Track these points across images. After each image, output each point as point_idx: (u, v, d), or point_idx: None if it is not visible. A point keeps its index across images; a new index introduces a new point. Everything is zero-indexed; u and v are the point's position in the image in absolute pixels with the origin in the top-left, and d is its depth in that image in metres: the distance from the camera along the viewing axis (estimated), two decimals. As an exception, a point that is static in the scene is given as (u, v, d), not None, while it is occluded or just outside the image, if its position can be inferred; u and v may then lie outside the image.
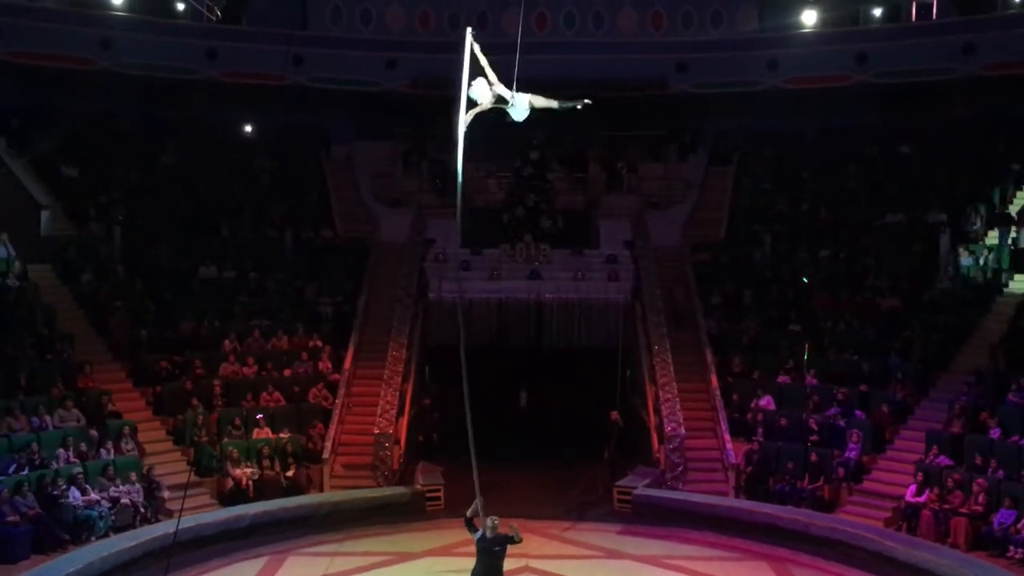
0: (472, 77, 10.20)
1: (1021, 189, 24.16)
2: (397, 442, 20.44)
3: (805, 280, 23.82)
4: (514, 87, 10.36)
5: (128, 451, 18.35)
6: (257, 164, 27.65)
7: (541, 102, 10.39)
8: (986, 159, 25.66)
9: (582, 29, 27.65)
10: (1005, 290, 21.69)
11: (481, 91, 10.24)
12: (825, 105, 26.31)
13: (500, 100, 10.30)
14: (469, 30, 10.15)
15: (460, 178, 10.27)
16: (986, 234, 23.39)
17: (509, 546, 12.07)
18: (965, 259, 22.76)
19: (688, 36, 27.43)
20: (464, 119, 10.14)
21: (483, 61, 10.17)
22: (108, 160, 26.03)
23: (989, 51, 24.80)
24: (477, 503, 11.79)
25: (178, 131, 27.05)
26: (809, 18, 26.83)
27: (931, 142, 26.72)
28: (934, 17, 26.78)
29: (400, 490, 19.67)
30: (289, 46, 26.35)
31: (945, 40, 25.38)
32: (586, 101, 10.53)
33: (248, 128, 28.06)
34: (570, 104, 10.56)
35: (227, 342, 21.70)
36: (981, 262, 22.59)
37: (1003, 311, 21.04)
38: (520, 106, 10.29)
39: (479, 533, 11.95)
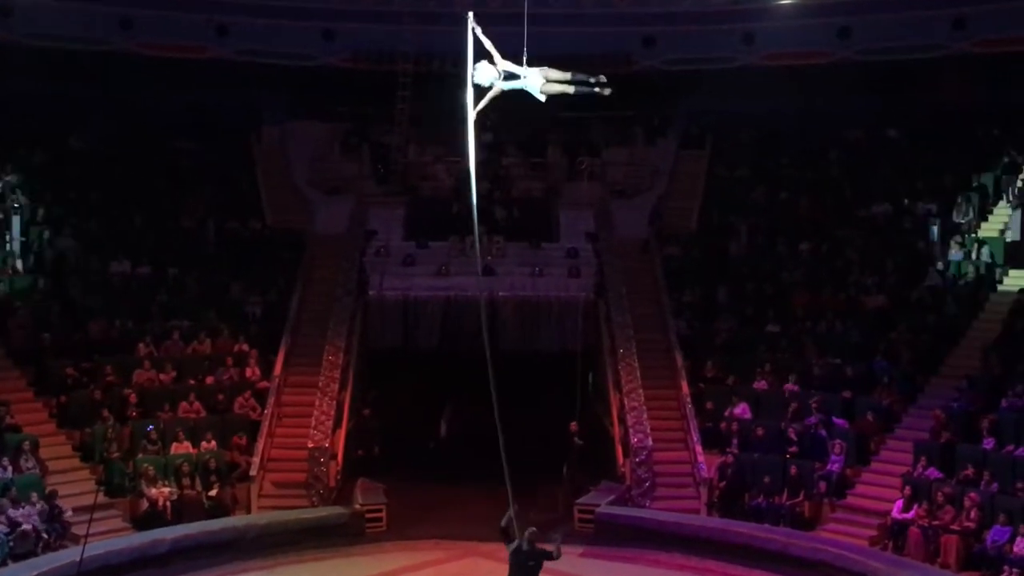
0: (474, 61, 10.12)
1: (1017, 177, 24.44)
2: (334, 457, 20.29)
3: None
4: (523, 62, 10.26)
5: (28, 469, 17.99)
6: (177, 146, 27.32)
7: (556, 75, 10.29)
8: (979, 144, 25.98)
9: (540, -1, 27.58)
10: (999, 287, 21.96)
11: (486, 74, 10.13)
12: (805, 84, 26.45)
13: (510, 77, 10.19)
14: (471, 15, 10.05)
15: (474, 180, 10.20)
16: (979, 226, 23.67)
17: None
18: (955, 254, 23.02)
19: (655, 7, 27.39)
20: (473, 113, 10.05)
21: (486, 43, 10.07)
22: (8, 142, 25.52)
23: (981, 26, 25.12)
24: (511, 512, 11.83)
25: (88, 109, 26.67)
26: (788, -12, 26.99)
27: (920, 125, 27.02)
28: (922, -12, 27.06)
29: (337, 510, 19.52)
30: (212, 15, 26.06)
31: (934, 14, 25.63)
32: (601, 78, 10.39)
33: (167, 107, 27.67)
34: (583, 78, 10.41)
35: (142, 346, 21.42)
36: (973, 256, 22.86)
37: (996, 310, 21.33)
38: (534, 81, 10.18)
39: (514, 545, 12.11)
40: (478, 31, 10.10)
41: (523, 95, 10.59)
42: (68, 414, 19.80)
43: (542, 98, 10.35)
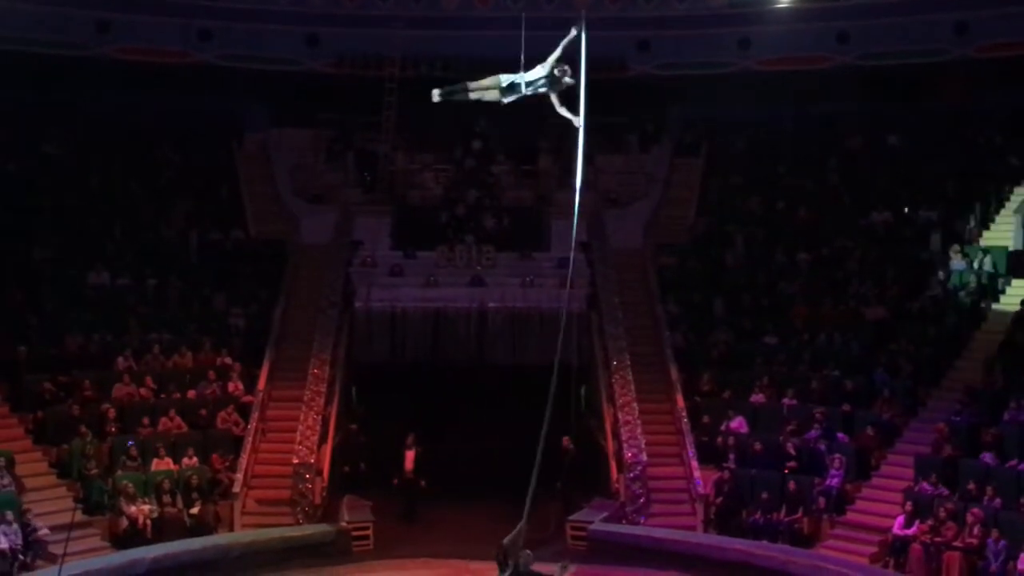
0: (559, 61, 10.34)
1: (1020, 185, 24.71)
2: (319, 473, 20.33)
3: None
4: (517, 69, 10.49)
5: (4, 487, 17.99)
6: (157, 155, 27.39)
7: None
8: (981, 151, 26.24)
9: (531, 2, 27.75)
10: (1002, 297, 22.19)
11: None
12: (803, 90, 26.72)
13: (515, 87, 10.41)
14: (583, 14, 10.29)
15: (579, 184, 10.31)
16: (980, 235, 23.90)
17: None
18: (957, 263, 23.22)
19: (650, 11, 27.66)
20: (582, 121, 10.23)
21: (563, 45, 10.30)
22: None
23: (984, 30, 25.41)
24: (521, 528, 11.66)
25: (64, 116, 26.71)
26: (784, -8, 27.27)
27: (921, 132, 27.24)
28: (922, -8, 27.36)
29: (323, 528, 19.59)
30: (193, 19, 26.19)
31: (935, 18, 25.93)
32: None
33: (146, 113, 27.77)
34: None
35: (121, 360, 21.46)
36: (975, 266, 23.08)
37: (999, 320, 21.52)
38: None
39: (509, 571, 11.88)
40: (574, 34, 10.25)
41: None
42: (45, 430, 19.80)
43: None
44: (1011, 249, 23.30)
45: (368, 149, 27.25)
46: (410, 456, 21.36)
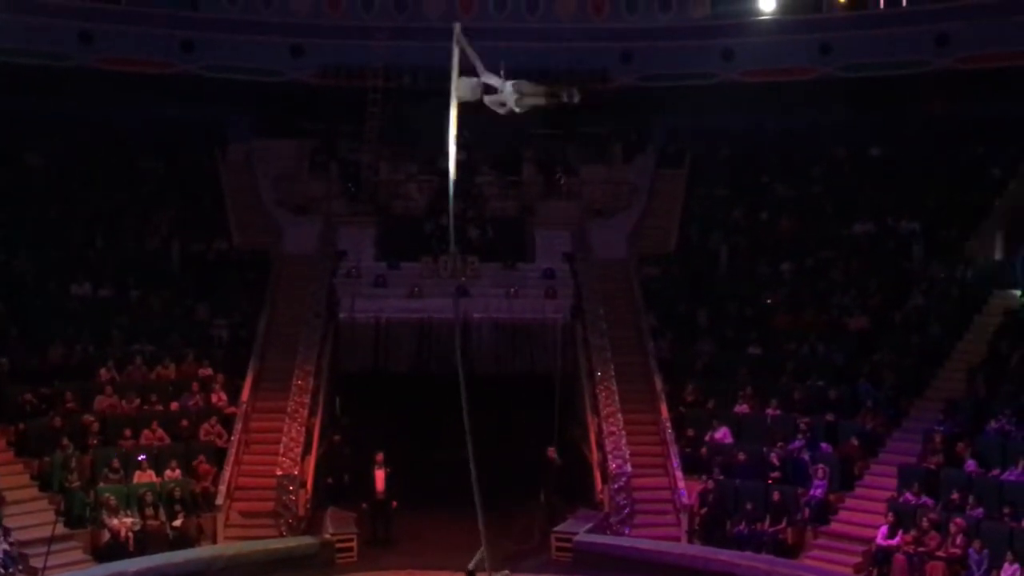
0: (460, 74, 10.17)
1: (1002, 196, 24.85)
2: (303, 485, 20.30)
3: (769, 301, 24.22)
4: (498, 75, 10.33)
5: (-16, 500, 17.94)
6: (140, 165, 27.34)
7: (528, 87, 10.29)
8: (964, 162, 26.39)
9: (514, 13, 27.89)
10: (984, 307, 22.28)
11: (467, 89, 10.15)
12: (786, 101, 26.83)
13: (489, 91, 10.23)
14: (457, 25, 10.11)
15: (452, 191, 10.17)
16: (962, 245, 24.02)
17: None
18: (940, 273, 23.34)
19: (633, 22, 27.80)
20: (454, 127, 10.08)
21: (471, 54, 10.12)
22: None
23: (965, 41, 25.57)
24: (481, 553, 11.63)
25: (47, 126, 26.65)
26: (767, 4, 27.40)
27: (903, 143, 27.38)
28: (904, 3, 27.49)
29: (307, 540, 19.54)
30: (176, 29, 26.17)
31: (916, 30, 26.11)
32: (574, 93, 10.29)
33: (129, 124, 27.72)
34: (556, 92, 10.36)
35: (103, 371, 21.38)
36: (957, 276, 23.18)
37: (982, 331, 21.62)
38: (508, 95, 10.20)
39: None
40: (464, 42, 10.11)
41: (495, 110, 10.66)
42: (26, 442, 19.66)
43: (517, 110, 10.39)
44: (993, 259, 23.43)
45: (352, 159, 27.27)
46: (380, 476, 20.29)
